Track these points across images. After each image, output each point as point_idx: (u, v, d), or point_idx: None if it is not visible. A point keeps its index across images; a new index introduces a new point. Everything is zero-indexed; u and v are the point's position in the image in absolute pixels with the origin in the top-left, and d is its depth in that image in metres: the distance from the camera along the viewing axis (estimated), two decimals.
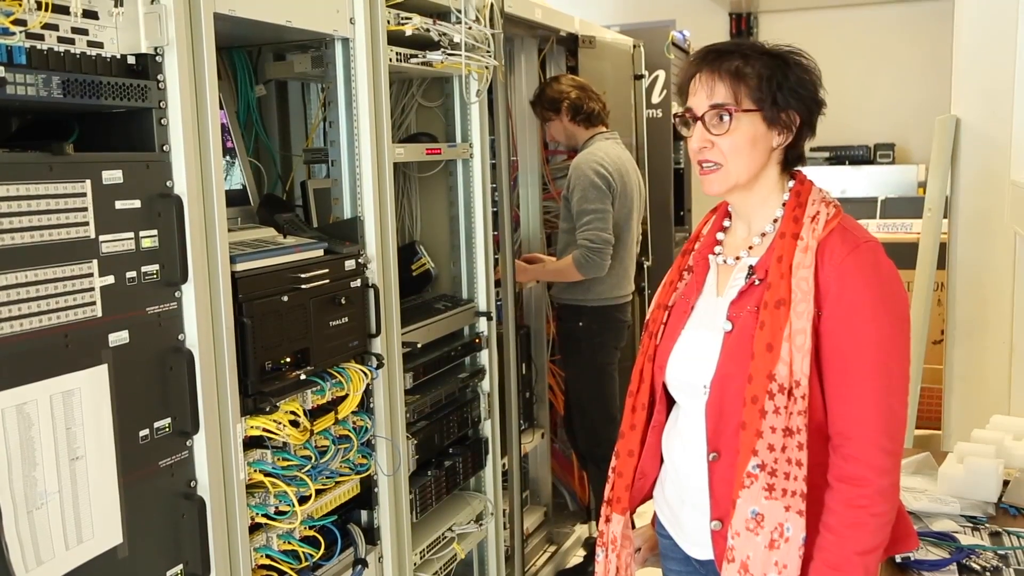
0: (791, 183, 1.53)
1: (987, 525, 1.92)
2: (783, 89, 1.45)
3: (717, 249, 1.59)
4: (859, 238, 1.44)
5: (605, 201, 3.15)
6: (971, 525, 1.92)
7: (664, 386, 1.60)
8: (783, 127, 1.47)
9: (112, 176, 1.44)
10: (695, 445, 1.53)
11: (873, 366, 1.39)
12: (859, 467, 1.38)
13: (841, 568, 1.38)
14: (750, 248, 1.53)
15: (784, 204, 1.51)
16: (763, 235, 1.52)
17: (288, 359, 1.80)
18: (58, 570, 1.37)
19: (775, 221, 1.51)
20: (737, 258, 1.54)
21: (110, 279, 1.44)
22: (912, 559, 1.76)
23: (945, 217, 3.57)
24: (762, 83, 1.44)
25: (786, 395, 1.39)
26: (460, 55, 2.39)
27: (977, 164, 3.48)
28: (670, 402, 1.62)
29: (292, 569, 1.83)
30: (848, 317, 1.40)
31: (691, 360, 1.53)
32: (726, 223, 1.62)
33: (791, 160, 1.53)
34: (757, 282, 1.48)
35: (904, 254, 3.60)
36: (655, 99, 4.09)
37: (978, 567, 1.73)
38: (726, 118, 1.45)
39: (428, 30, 2.29)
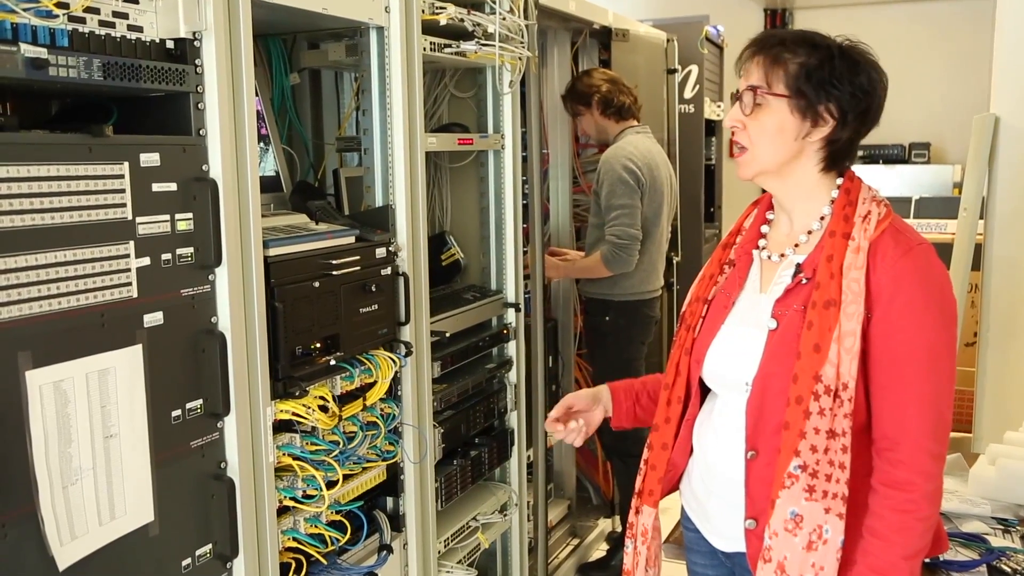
0: (840, 180, 1.50)
1: (1018, 528, 1.90)
2: (820, 79, 1.42)
3: (761, 243, 1.57)
4: (912, 240, 1.42)
5: (633, 197, 3.14)
6: (1002, 527, 1.90)
7: (699, 380, 1.59)
8: (817, 118, 1.44)
9: (149, 159, 1.46)
10: (730, 440, 1.52)
11: (924, 370, 1.37)
12: (907, 472, 1.37)
13: (887, 572, 1.37)
14: (796, 246, 1.51)
15: (833, 201, 1.48)
16: (810, 233, 1.50)
17: (318, 344, 1.81)
18: (91, 545, 1.39)
19: (822, 219, 1.48)
20: (782, 255, 1.52)
21: (146, 260, 1.46)
22: (942, 559, 1.75)
23: (980, 218, 3.51)
24: (800, 71, 1.42)
25: (832, 397, 1.37)
26: (494, 46, 2.40)
27: (1017, 163, 3.42)
28: (703, 396, 1.61)
29: (318, 552, 1.84)
30: (901, 321, 1.38)
31: (732, 356, 1.52)
32: (769, 216, 1.59)
33: (835, 156, 1.48)
34: (804, 281, 1.45)
35: (938, 254, 3.54)
36: (687, 94, 4.07)
37: (1008, 569, 1.71)
38: (757, 100, 1.44)
39: (462, 20, 2.30)
